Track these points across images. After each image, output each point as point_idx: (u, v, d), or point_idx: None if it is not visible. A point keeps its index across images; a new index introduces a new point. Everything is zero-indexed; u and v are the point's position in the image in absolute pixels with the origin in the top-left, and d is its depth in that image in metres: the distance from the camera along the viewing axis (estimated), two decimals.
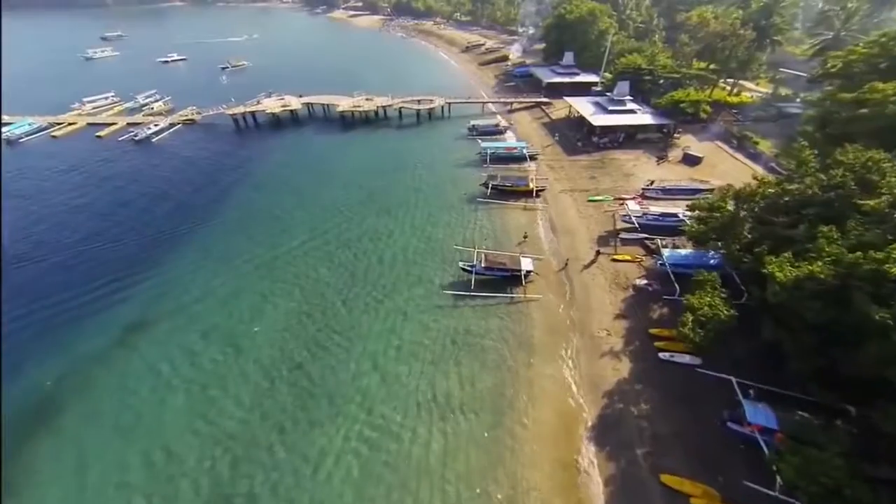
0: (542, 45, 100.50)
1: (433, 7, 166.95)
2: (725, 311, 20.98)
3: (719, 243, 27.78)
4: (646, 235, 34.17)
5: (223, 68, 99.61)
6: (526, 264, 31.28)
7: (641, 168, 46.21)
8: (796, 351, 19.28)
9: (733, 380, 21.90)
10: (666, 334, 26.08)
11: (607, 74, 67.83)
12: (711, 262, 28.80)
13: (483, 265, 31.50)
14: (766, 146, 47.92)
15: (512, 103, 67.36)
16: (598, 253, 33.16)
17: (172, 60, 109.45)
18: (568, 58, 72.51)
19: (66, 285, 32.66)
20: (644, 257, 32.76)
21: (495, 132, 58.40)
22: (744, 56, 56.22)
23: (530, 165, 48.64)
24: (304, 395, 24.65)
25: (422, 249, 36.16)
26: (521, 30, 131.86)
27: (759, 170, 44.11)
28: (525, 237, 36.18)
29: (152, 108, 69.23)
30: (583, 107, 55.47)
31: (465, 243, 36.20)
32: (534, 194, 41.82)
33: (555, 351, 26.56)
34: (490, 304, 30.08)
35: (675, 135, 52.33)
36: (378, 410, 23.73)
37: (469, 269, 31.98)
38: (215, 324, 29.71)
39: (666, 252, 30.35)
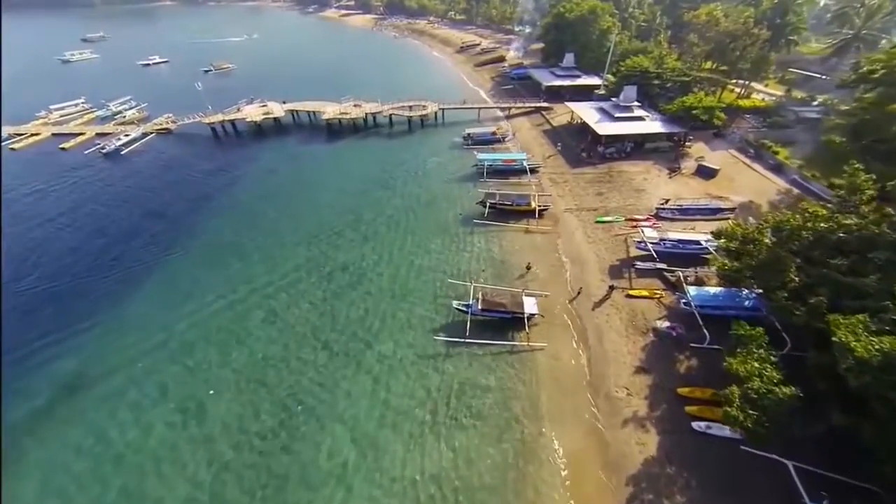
0: (539, 45, 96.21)
1: (427, 5, 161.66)
2: (784, 391, 16.68)
3: (757, 283, 23.61)
4: (664, 266, 29.93)
5: (206, 71, 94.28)
6: (529, 305, 26.96)
7: (652, 182, 41.95)
8: (884, 450, 15.06)
9: (790, 465, 17.78)
10: (698, 395, 21.91)
11: (610, 77, 63.51)
12: (746, 303, 24.64)
13: (480, 306, 27.18)
14: (784, 154, 43.88)
15: (510, 108, 62.85)
16: (611, 288, 28.88)
17: (154, 63, 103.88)
18: (568, 59, 68.07)
19: None
20: (664, 292, 28.51)
21: (492, 141, 53.93)
22: (757, 57, 52.02)
23: (531, 179, 44.29)
24: (273, 475, 20.31)
25: (411, 283, 31.76)
26: (517, 29, 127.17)
27: (782, 183, 40.31)
28: (528, 268, 31.83)
29: (125, 117, 64.19)
30: (587, 114, 51.07)
31: (459, 276, 31.89)
32: (536, 214, 37.47)
33: (566, 418, 22.27)
34: (489, 353, 25.77)
35: (687, 143, 48.14)
36: (358, 493, 19.49)
37: (464, 309, 27.68)
38: (176, 376, 25.40)
39: (692, 290, 26.12)
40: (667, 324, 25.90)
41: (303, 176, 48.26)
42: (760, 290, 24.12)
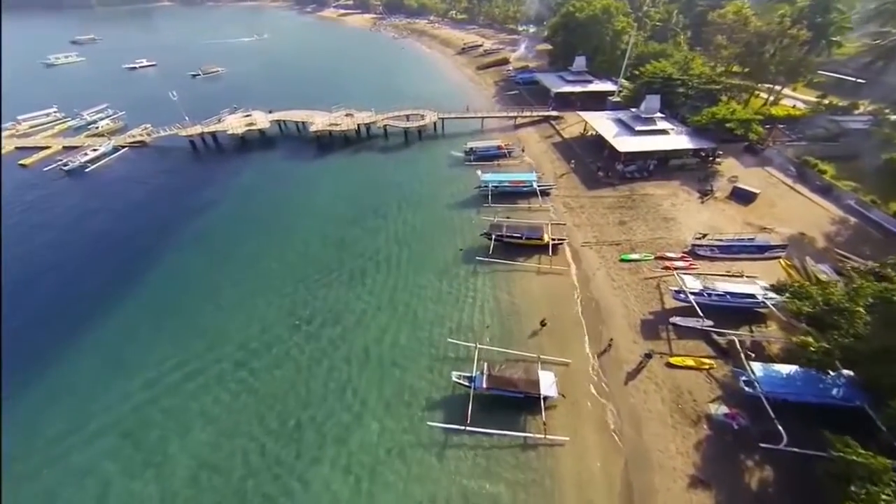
0: (545, 46, 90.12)
1: (427, 4, 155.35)
2: None
3: (857, 372, 17.96)
4: (711, 325, 24.25)
5: (193, 76, 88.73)
6: (546, 384, 21.33)
7: (682, 208, 36.13)
8: None
9: None
10: None
11: (625, 82, 57.54)
12: (834, 390, 18.97)
13: (485, 383, 21.62)
14: (831, 173, 38.01)
15: (516, 118, 56.98)
16: (647, 356, 23.24)
17: (141, 66, 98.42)
18: (579, 63, 62.04)
19: None
20: (713, 362, 22.89)
21: (497, 156, 48.09)
22: (795, 60, 45.96)
23: (542, 204, 38.52)
24: None
25: (403, 341, 26.20)
26: (521, 28, 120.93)
27: (834, 210, 34.42)
28: (542, 324, 26.20)
29: (98, 128, 58.71)
30: (603, 126, 45.17)
31: (461, 331, 26.37)
32: (550, 250, 31.77)
33: None
34: (497, 447, 20.20)
35: (716, 159, 42.25)
36: None
37: (466, 383, 22.17)
38: (121, 471, 20.01)
39: (756, 368, 20.43)
40: (724, 410, 20.25)
41: (286, 199, 42.52)
42: (851, 373, 18.54)
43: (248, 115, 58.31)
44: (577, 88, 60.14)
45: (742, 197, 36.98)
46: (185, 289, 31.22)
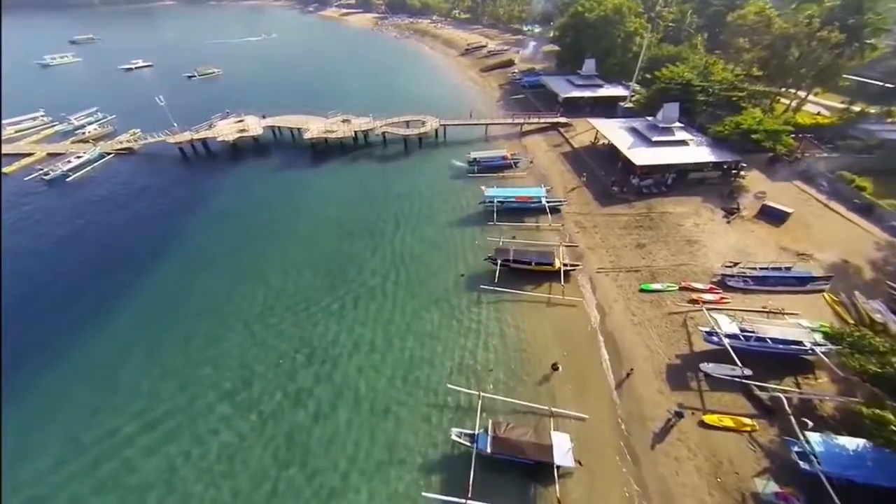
0: (551, 47, 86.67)
1: (430, 4, 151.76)
2: None
3: None
4: (750, 377, 20.94)
5: (189, 77, 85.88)
6: (560, 450, 18.09)
7: (706, 229, 32.76)
8: None
9: None
10: None
11: (637, 87, 54.05)
12: None
13: (490, 446, 18.49)
14: (870, 189, 34.55)
15: (522, 125, 53.62)
16: (677, 415, 19.99)
17: (137, 67, 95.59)
18: (588, 66, 58.55)
19: None
20: (755, 423, 19.62)
21: (502, 166, 44.80)
22: (825, 64, 42.36)
23: (552, 223, 35.20)
24: None
25: (398, 385, 23.10)
26: (526, 28, 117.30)
27: (878, 232, 30.99)
28: (554, 369, 23.03)
29: (85, 132, 55.90)
30: (617, 136, 41.79)
31: (462, 372, 23.31)
32: (561, 277, 28.59)
33: None
34: None
35: (740, 173, 38.82)
36: None
37: (468, 443, 19.11)
38: None
39: (815, 441, 17.12)
40: (774, 488, 16.97)
41: (276, 214, 39.40)
42: None
43: (240, 121, 55.32)
44: (587, 93, 56.69)
45: (772, 216, 33.52)
46: (154, 319, 28.14)
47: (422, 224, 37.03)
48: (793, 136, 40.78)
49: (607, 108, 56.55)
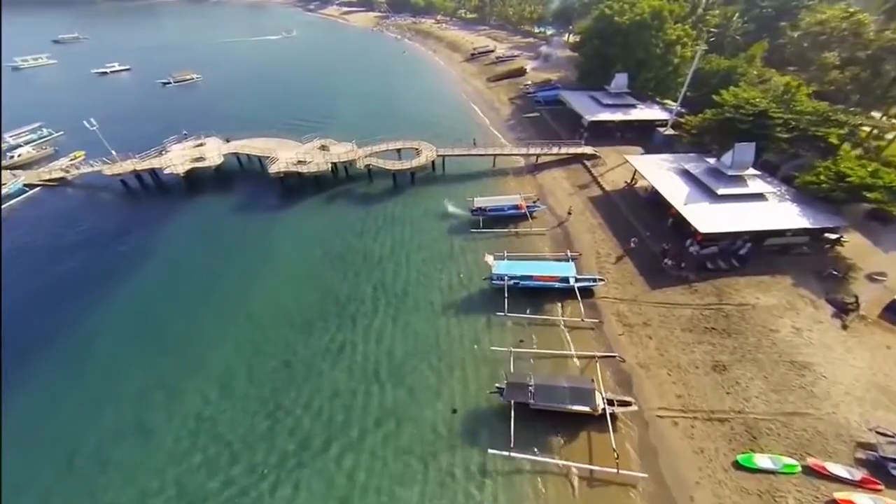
0: (567, 52, 75.73)
1: (434, 3, 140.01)
2: None
3: None
4: None
5: (164, 84, 75.67)
6: None
7: (815, 338, 22.02)
8: None
9: None
10: None
11: (674, 106, 43.14)
12: None
13: None
14: None
15: (537, 156, 43.01)
16: None
17: (112, 71, 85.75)
18: (619, 81, 47.51)
19: None
20: None
21: (515, 217, 34.44)
22: None
23: (585, 317, 24.84)
24: None
25: None
26: (537, 30, 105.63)
27: None
28: None
29: (16, 156, 46.08)
30: (666, 183, 31.01)
31: None
32: (609, 423, 18.53)
33: None
34: None
35: (841, 240, 28.22)
36: None
37: None
38: None
39: None
40: None
41: (215, 287, 29.08)
42: None
43: (200, 144, 45.21)
44: (618, 115, 45.80)
45: None
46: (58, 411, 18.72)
47: (407, 308, 26.88)
48: None
49: (640, 132, 45.83)
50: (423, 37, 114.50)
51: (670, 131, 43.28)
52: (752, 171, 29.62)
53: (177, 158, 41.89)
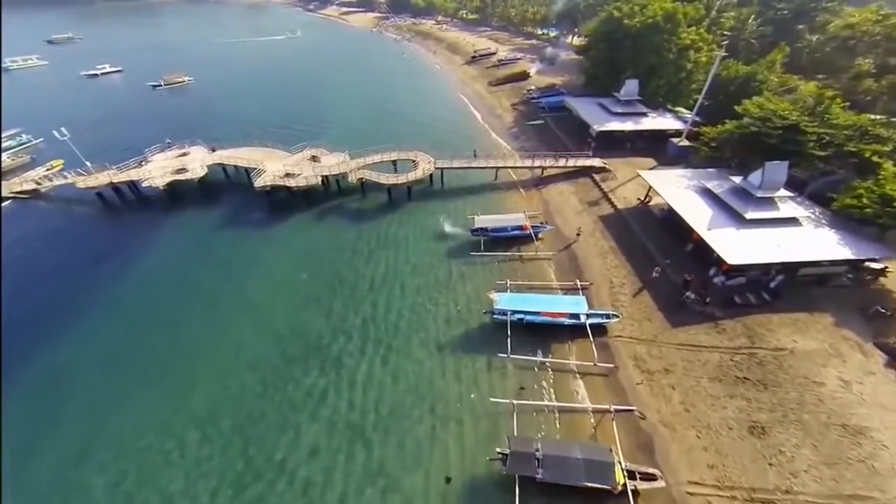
0: (572, 55, 72.77)
1: (435, 3, 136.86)
2: None
3: None
4: None
5: (154, 87, 72.72)
6: None
7: (867, 392, 18.87)
8: None
9: None
10: None
11: (698, 120, 40.04)
12: None
13: None
14: None
15: (542, 168, 39.97)
16: None
17: (103, 73, 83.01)
18: (630, 88, 44.36)
19: None
20: None
21: (519, 237, 31.40)
22: None
23: (598, 360, 21.80)
24: None
25: None
26: (540, 32, 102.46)
27: None
28: None
29: None
30: (687, 204, 27.77)
31: None
32: (631, 500, 15.62)
33: None
34: None
35: (885, 270, 25.15)
36: None
37: None
38: None
39: None
40: None
41: (185, 321, 26.09)
42: None
43: (183, 154, 42.36)
44: (629, 125, 42.70)
45: None
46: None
47: (399, 347, 23.89)
48: None
49: (652, 142, 42.77)
50: (423, 38, 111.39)
51: (685, 142, 40.21)
52: (783, 191, 26.56)
53: (157, 170, 38.96)
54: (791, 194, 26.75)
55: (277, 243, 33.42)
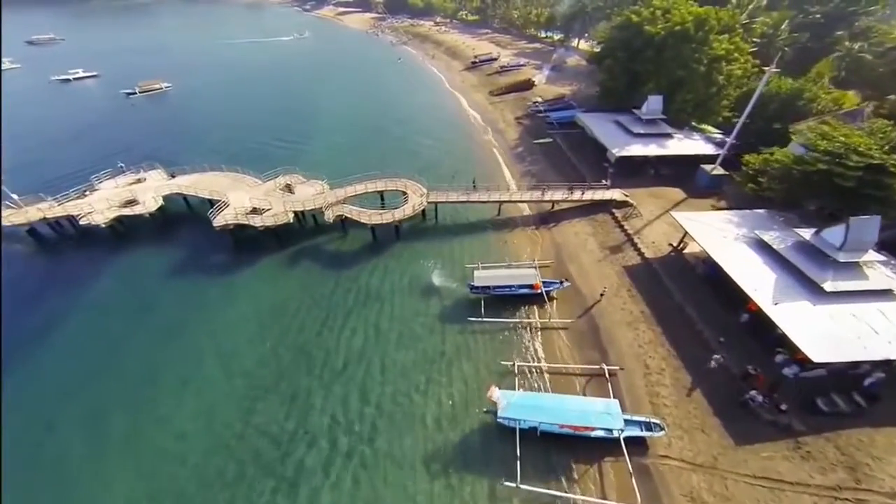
0: (579, 60, 66.73)
1: (434, 4, 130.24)
2: None
3: None
4: None
5: (128, 94, 66.39)
6: None
7: None
8: None
9: None
10: None
11: (735, 143, 33.98)
12: None
13: None
14: None
15: (553, 203, 33.90)
16: None
17: (76, 78, 76.53)
18: (653, 105, 38.24)
19: None
20: None
21: (528, 297, 25.35)
22: None
23: (640, 492, 15.99)
24: None
25: None
26: (544, 35, 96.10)
27: None
28: None
29: None
30: (742, 264, 21.61)
31: None
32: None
33: None
34: None
35: None
36: None
37: None
38: None
39: None
40: None
41: (106, 413, 20.35)
42: None
43: (138, 181, 36.24)
44: (652, 148, 36.58)
45: None
46: None
47: (375, 461, 17.82)
48: None
49: (678, 167, 36.69)
50: (421, 41, 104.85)
51: (719, 170, 34.14)
52: (872, 254, 20.56)
53: (101, 203, 32.70)
54: (883, 258, 20.74)
55: (239, 297, 27.30)
